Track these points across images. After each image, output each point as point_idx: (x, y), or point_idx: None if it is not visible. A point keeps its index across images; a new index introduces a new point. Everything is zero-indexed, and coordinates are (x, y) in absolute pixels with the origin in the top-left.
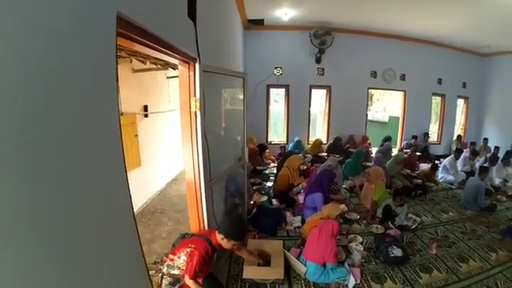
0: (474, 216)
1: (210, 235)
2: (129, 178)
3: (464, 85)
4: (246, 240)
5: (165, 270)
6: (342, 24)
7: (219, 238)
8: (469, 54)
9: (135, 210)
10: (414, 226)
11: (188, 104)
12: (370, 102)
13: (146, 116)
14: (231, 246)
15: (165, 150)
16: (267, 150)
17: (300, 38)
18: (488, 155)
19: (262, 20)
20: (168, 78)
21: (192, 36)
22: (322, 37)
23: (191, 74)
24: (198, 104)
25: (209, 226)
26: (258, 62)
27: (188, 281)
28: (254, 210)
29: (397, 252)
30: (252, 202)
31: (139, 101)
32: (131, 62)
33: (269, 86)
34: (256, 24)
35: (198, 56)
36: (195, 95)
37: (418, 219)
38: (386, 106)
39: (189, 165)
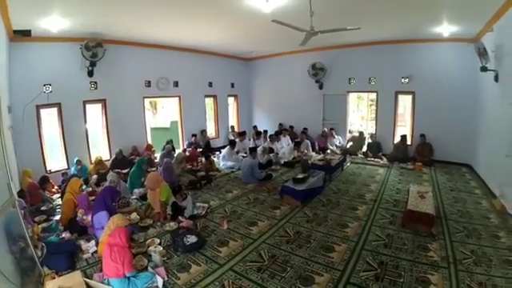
0: (255, 187)
1: None
2: None
3: (233, 85)
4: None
5: None
6: (114, 36)
7: None
8: (235, 59)
9: None
10: (203, 213)
11: None
12: (154, 111)
13: None
14: None
15: None
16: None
17: (70, 51)
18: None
19: (29, 31)
20: None
21: None
22: (93, 49)
23: None
24: None
25: None
26: (26, 79)
27: None
28: (45, 250)
29: (192, 239)
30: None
31: None
32: None
33: (39, 107)
34: (23, 35)
35: None
36: None
37: (206, 205)
38: (168, 112)
39: None
